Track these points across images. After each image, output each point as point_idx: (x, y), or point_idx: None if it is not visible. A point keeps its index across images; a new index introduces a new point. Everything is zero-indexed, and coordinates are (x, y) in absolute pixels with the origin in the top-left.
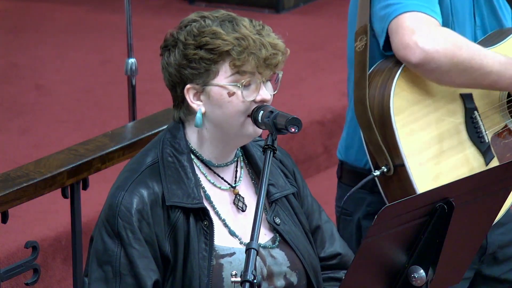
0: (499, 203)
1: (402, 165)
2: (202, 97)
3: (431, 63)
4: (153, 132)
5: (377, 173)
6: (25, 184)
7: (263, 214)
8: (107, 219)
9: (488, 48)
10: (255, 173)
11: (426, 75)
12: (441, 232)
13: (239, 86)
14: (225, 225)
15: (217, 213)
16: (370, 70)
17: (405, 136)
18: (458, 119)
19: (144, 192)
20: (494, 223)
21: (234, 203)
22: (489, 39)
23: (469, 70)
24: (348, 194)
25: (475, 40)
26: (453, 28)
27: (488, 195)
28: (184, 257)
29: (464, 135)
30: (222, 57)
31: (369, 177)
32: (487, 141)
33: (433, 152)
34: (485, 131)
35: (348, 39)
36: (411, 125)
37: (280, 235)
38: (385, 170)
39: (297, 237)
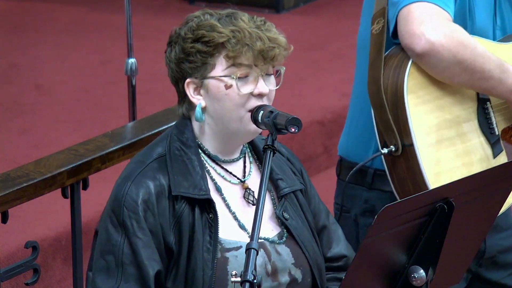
0: (499, 203)
1: (411, 145)
2: (201, 91)
3: (434, 55)
4: (153, 132)
5: (385, 150)
6: (25, 184)
7: (272, 209)
8: (112, 209)
9: (503, 43)
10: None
11: (427, 68)
12: (441, 232)
13: (233, 78)
14: (235, 218)
15: (227, 206)
16: (386, 53)
17: (416, 115)
18: (471, 107)
19: (151, 183)
20: (493, 228)
21: (244, 197)
22: (505, 39)
23: (470, 70)
24: (356, 167)
25: (494, 40)
26: (470, 26)
27: (488, 195)
28: (188, 249)
29: (475, 124)
30: (218, 49)
31: (377, 154)
32: (497, 133)
33: (443, 136)
34: (496, 124)
35: (360, 26)
36: (423, 106)
37: (288, 230)
38: (393, 149)
39: (304, 234)
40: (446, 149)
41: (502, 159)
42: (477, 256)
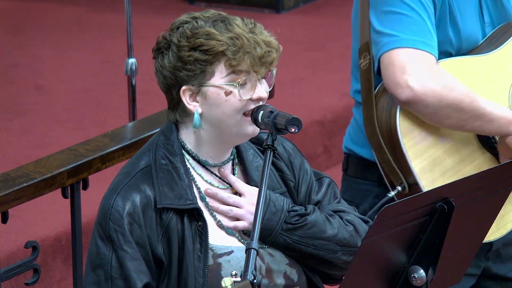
0: (499, 203)
1: (416, 184)
2: (198, 98)
3: (419, 103)
4: (153, 132)
5: (392, 194)
6: (25, 184)
7: None
8: (99, 222)
9: (489, 52)
10: (246, 171)
11: (416, 113)
12: (441, 232)
13: (235, 86)
14: (221, 226)
15: (211, 214)
16: (376, 90)
17: (415, 156)
18: None
19: (136, 196)
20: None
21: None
22: (493, 39)
23: (458, 112)
24: (368, 215)
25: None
26: (454, 33)
27: (488, 195)
28: (179, 259)
29: (475, 143)
30: (217, 57)
31: (385, 199)
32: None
33: (446, 166)
34: (497, 136)
35: (352, 47)
36: (420, 144)
37: None
38: (400, 189)
39: None
40: (453, 177)
41: None
42: (485, 249)
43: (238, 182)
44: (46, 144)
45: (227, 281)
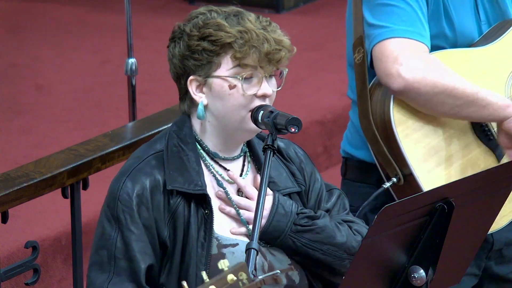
0: (499, 203)
1: (411, 174)
2: (204, 89)
3: (412, 92)
4: (153, 132)
5: (387, 185)
6: (25, 184)
7: None
8: (108, 204)
9: (485, 46)
10: (260, 170)
11: (410, 102)
12: (441, 232)
13: (239, 79)
14: (238, 213)
15: (230, 200)
16: (371, 84)
17: (410, 146)
18: (463, 121)
19: (145, 178)
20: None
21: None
22: (489, 35)
23: (451, 98)
24: (362, 206)
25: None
26: (448, 28)
27: (488, 195)
28: (183, 244)
29: (471, 135)
30: (224, 49)
31: (380, 189)
32: (495, 137)
33: (441, 157)
34: (493, 129)
35: (347, 46)
36: (415, 134)
37: None
38: (395, 180)
39: None
40: (448, 169)
41: (507, 160)
42: (486, 248)
43: (247, 186)
44: (46, 144)
45: (223, 263)
